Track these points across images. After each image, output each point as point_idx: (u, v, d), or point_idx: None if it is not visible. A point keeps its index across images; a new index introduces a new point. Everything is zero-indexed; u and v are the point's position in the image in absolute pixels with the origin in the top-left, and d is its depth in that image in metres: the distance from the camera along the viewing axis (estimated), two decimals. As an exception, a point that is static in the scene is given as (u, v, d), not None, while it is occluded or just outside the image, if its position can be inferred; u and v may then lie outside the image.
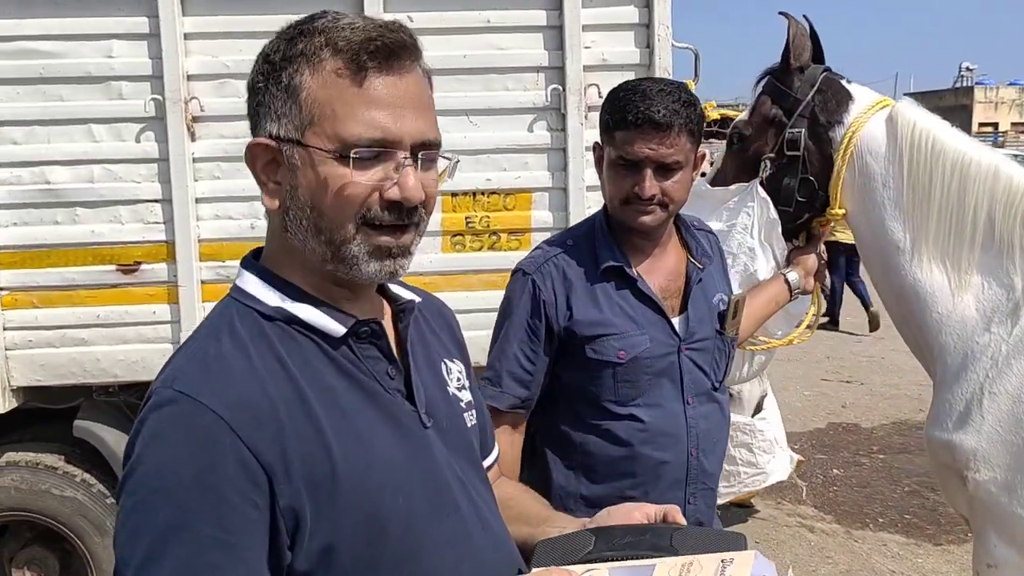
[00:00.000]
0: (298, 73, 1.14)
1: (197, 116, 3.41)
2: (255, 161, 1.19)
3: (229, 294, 1.23)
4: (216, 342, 1.14)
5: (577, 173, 3.46)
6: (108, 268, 3.46)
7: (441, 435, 1.27)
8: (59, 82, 3.40)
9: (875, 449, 6.75)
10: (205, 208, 3.47)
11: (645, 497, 2.06)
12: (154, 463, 1.05)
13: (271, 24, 3.88)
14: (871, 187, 2.63)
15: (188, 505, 1.03)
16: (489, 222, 3.52)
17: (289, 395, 1.11)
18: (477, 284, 3.54)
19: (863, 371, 8.93)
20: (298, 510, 1.07)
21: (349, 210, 1.14)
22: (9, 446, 3.74)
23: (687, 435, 2.11)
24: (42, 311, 3.46)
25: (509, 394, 2.09)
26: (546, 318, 2.07)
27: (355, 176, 1.13)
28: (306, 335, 1.17)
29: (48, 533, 3.77)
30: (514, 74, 3.47)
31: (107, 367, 3.49)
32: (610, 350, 2.05)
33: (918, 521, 5.43)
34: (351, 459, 1.12)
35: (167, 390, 1.09)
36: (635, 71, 3.47)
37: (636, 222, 2.06)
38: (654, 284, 2.12)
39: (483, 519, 1.27)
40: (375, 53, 1.13)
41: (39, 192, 3.42)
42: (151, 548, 1.02)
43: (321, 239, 1.16)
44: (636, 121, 1.98)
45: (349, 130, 1.12)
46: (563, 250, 2.14)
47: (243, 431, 1.05)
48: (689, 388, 2.12)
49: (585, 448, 2.11)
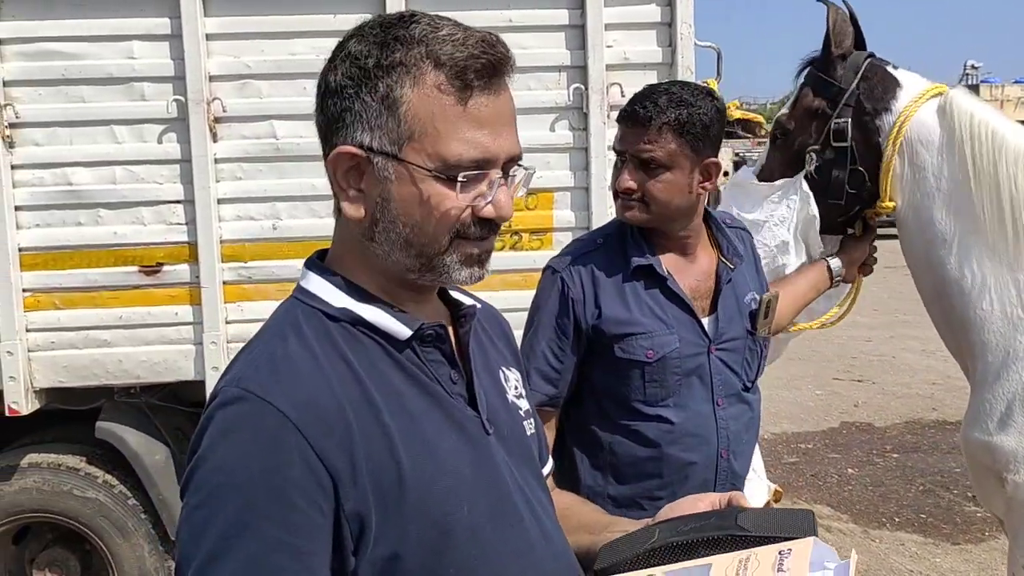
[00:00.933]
0: (398, 85, 1.10)
1: (219, 117, 3.41)
2: (337, 167, 1.15)
3: (293, 295, 1.22)
4: (283, 342, 1.13)
5: (599, 173, 3.45)
6: (130, 269, 3.46)
7: (503, 442, 1.25)
8: (81, 83, 3.40)
9: (889, 448, 6.74)
10: (227, 209, 3.46)
11: (672, 498, 2.06)
12: (220, 460, 1.04)
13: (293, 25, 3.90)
14: (922, 178, 2.56)
15: (254, 504, 1.01)
16: (511, 222, 3.50)
17: (356, 397, 1.10)
18: (498, 284, 3.53)
19: (874, 370, 8.91)
20: (363, 515, 1.06)
21: (445, 226, 1.13)
22: (31, 447, 3.74)
23: (717, 436, 2.11)
24: (65, 312, 3.46)
25: (538, 391, 2.08)
26: (574, 316, 2.08)
27: (457, 198, 1.12)
28: (371, 337, 1.16)
29: (69, 534, 3.78)
30: (536, 73, 3.46)
31: (129, 368, 3.49)
32: (638, 349, 2.05)
33: (934, 520, 5.42)
34: (418, 465, 1.10)
35: (234, 388, 1.07)
36: (657, 70, 3.47)
37: (622, 216, 2.10)
38: (684, 284, 2.12)
39: (544, 529, 1.25)
40: (481, 72, 1.10)
41: (61, 193, 3.42)
42: (215, 546, 1.01)
43: (411, 252, 1.15)
44: (624, 115, 2.06)
45: (452, 150, 1.10)
46: (593, 248, 2.15)
47: (310, 433, 1.04)
48: (719, 389, 2.11)
49: (613, 448, 2.11)
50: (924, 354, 9.22)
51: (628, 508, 2.08)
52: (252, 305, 3.48)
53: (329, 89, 1.14)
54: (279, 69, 3.39)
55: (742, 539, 1.21)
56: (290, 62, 3.37)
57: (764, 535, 1.21)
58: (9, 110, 3.36)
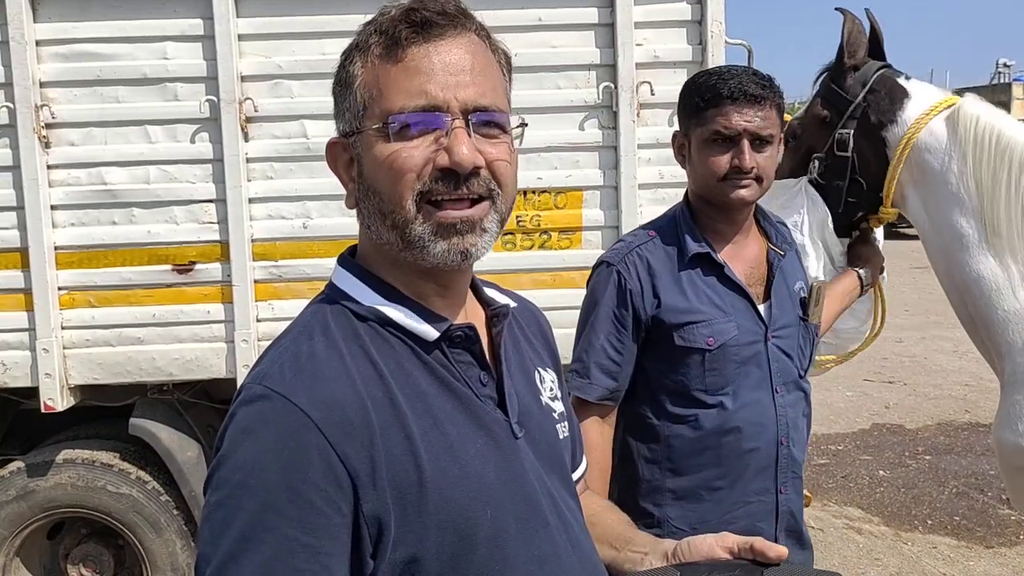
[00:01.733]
0: (351, 63, 1.15)
1: (251, 117, 3.44)
2: (336, 163, 1.19)
3: (324, 291, 1.22)
4: (309, 340, 1.12)
5: (629, 171, 3.45)
6: (164, 268, 3.49)
7: (533, 446, 1.23)
8: (115, 84, 3.44)
9: (921, 450, 6.67)
10: (258, 208, 3.49)
11: (731, 488, 2.08)
12: (241, 458, 1.03)
13: (324, 25, 3.91)
14: (931, 184, 2.59)
15: (273, 504, 1.01)
16: (540, 221, 3.52)
17: (380, 398, 1.08)
18: (528, 283, 3.53)
19: (906, 371, 8.82)
20: (382, 518, 1.05)
21: (402, 184, 1.10)
22: (66, 443, 3.80)
23: (776, 424, 2.11)
24: (99, 310, 3.50)
25: (598, 385, 2.09)
26: (633, 308, 2.08)
27: (399, 146, 1.10)
28: (399, 338, 1.15)
29: (103, 530, 3.83)
30: (565, 72, 3.46)
31: (162, 366, 3.53)
32: (699, 337, 2.05)
33: (968, 523, 5.34)
34: (440, 468, 1.09)
35: (258, 386, 1.07)
36: (687, 68, 3.45)
37: (734, 196, 2.06)
38: (738, 271, 2.13)
39: (572, 536, 1.23)
40: (413, 25, 1.11)
41: (96, 193, 3.46)
42: (234, 546, 1.01)
43: (387, 223, 1.13)
44: (732, 95, 2.01)
45: (392, 103, 1.11)
46: (646, 240, 2.15)
47: (331, 432, 1.03)
48: (776, 376, 2.12)
49: (670, 441, 2.10)
50: (956, 355, 9.11)
51: (687, 500, 2.09)
52: (283, 303, 3.50)
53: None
54: (310, 69, 3.41)
55: None
56: (321, 62, 3.38)
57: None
58: (45, 110, 3.41)
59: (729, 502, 2.09)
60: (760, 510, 2.11)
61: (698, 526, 2.02)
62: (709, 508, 2.09)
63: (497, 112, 1.14)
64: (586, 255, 3.53)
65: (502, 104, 1.16)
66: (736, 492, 2.09)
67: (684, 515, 2.09)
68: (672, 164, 3.46)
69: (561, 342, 3.54)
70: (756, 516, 2.11)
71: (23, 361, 3.49)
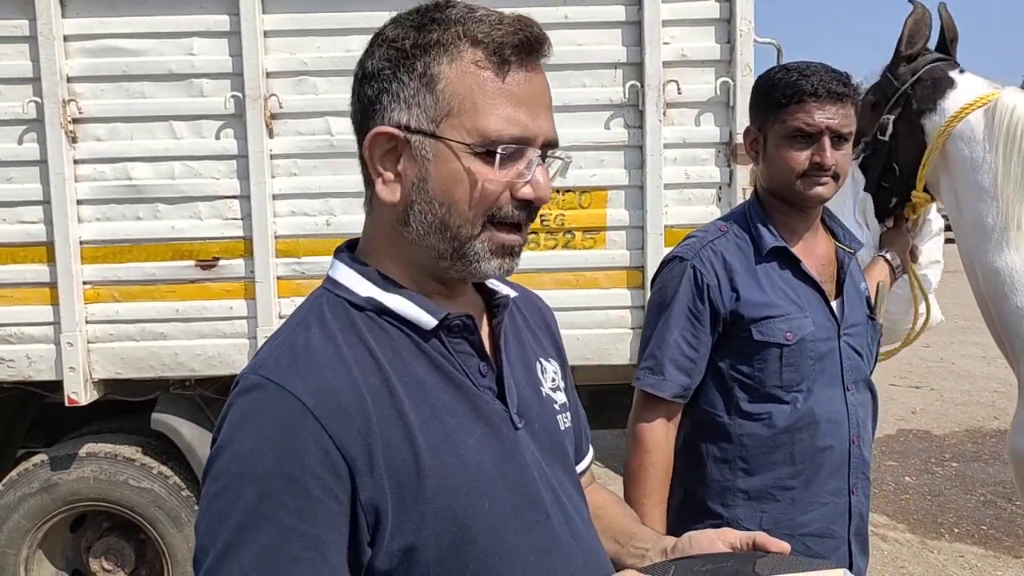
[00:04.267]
0: (435, 62, 1.09)
1: (276, 113, 3.44)
2: (374, 150, 1.13)
3: (322, 285, 1.21)
4: (305, 331, 1.12)
5: (655, 171, 3.41)
6: (187, 263, 3.50)
7: (533, 437, 1.21)
8: (142, 80, 3.45)
9: (947, 457, 6.57)
10: (282, 205, 3.49)
11: (806, 488, 2.05)
12: (237, 449, 1.03)
13: (349, 22, 3.92)
14: (961, 173, 2.59)
15: (270, 493, 1.01)
16: (564, 220, 3.49)
17: (377, 386, 1.08)
18: (550, 283, 3.51)
19: (933, 376, 8.71)
20: (380, 506, 1.04)
21: (483, 206, 1.10)
22: (89, 437, 3.82)
23: (848, 422, 2.08)
24: (123, 305, 3.52)
25: (672, 382, 2.06)
26: (710, 302, 2.05)
27: (496, 173, 1.09)
28: (396, 326, 1.14)
29: (125, 523, 3.85)
30: (592, 70, 3.43)
31: (184, 361, 3.54)
32: (777, 332, 2.02)
33: (995, 532, 5.26)
34: (438, 458, 1.08)
35: (254, 376, 1.07)
36: (715, 67, 3.41)
37: (812, 193, 2.04)
38: (811, 267, 2.10)
39: (573, 528, 1.22)
40: (518, 48, 1.09)
41: (122, 188, 3.48)
42: (232, 536, 1.01)
43: (446, 235, 1.12)
44: (815, 92, 1.99)
45: (491, 125, 1.08)
46: (719, 235, 2.12)
47: (326, 420, 1.03)
48: (848, 374, 2.09)
49: (742, 440, 2.06)
50: (985, 361, 8.99)
51: (759, 500, 2.06)
52: (305, 300, 3.49)
53: (366, 75, 1.13)
54: (335, 66, 3.41)
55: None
56: (346, 59, 3.37)
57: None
58: (72, 106, 3.43)
59: (803, 503, 2.05)
60: (834, 512, 2.07)
61: (770, 528, 1.97)
62: (782, 508, 2.05)
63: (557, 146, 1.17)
64: (610, 255, 3.50)
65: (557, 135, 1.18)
66: (810, 492, 2.05)
67: (755, 516, 2.05)
68: (699, 164, 3.47)
69: (583, 343, 3.56)
70: (830, 518, 2.07)
71: (47, 355, 3.51)
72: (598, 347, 3.51)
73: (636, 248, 3.49)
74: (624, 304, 3.53)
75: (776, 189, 2.10)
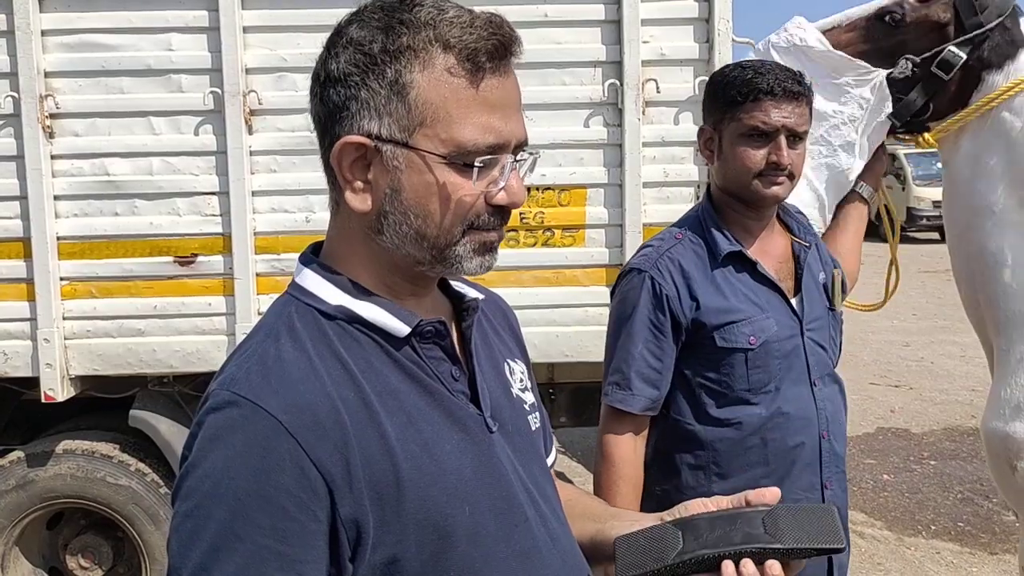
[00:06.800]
0: (407, 70, 1.05)
1: (255, 109, 3.43)
2: (342, 158, 1.09)
3: (287, 291, 1.18)
4: (275, 343, 1.09)
5: (634, 169, 3.42)
6: (165, 260, 3.49)
7: (507, 439, 1.20)
8: (120, 75, 3.44)
9: (926, 455, 6.62)
10: (261, 201, 3.48)
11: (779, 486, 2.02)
12: (210, 467, 1.01)
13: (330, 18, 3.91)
14: (994, 145, 2.43)
15: (244, 513, 0.98)
16: (544, 218, 3.50)
17: (351, 398, 1.06)
18: (530, 281, 3.52)
19: (912, 375, 8.76)
20: (360, 521, 1.02)
21: (459, 217, 1.09)
22: (66, 434, 3.80)
23: (818, 418, 2.09)
24: (100, 301, 3.50)
25: (641, 396, 2.06)
26: (671, 313, 2.04)
27: (465, 182, 1.08)
28: (368, 335, 1.12)
29: (102, 521, 3.83)
30: (571, 69, 3.44)
31: (163, 358, 3.52)
32: (740, 337, 2.03)
33: (972, 529, 5.31)
34: (417, 467, 1.07)
35: (225, 392, 1.04)
36: (694, 66, 3.43)
37: (769, 192, 2.03)
38: (768, 267, 2.10)
39: (551, 530, 1.21)
40: (492, 54, 1.06)
41: (99, 184, 3.46)
42: (204, 557, 0.98)
43: (424, 245, 1.10)
44: (772, 91, 1.98)
45: (466, 135, 1.06)
46: (674, 244, 2.11)
47: (303, 437, 1.00)
48: (815, 369, 2.10)
49: (714, 445, 2.07)
50: (963, 360, 9.06)
51: None
52: (284, 297, 3.49)
53: (331, 78, 1.09)
54: (315, 62, 3.39)
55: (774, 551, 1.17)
56: (326, 55, 3.36)
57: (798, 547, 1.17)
58: (50, 100, 3.41)
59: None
60: None
61: None
62: None
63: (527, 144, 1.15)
64: (589, 253, 3.52)
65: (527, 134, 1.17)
66: (784, 490, 2.03)
67: None
68: (677, 163, 3.49)
69: (562, 340, 3.57)
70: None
71: (24, 351, 3.49)
72: (578, 344, 3.53)
73: (615, 246, 3.51)
74: (603, 301, 3.52)
75: (732, 188, 2.09)
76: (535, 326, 3.43)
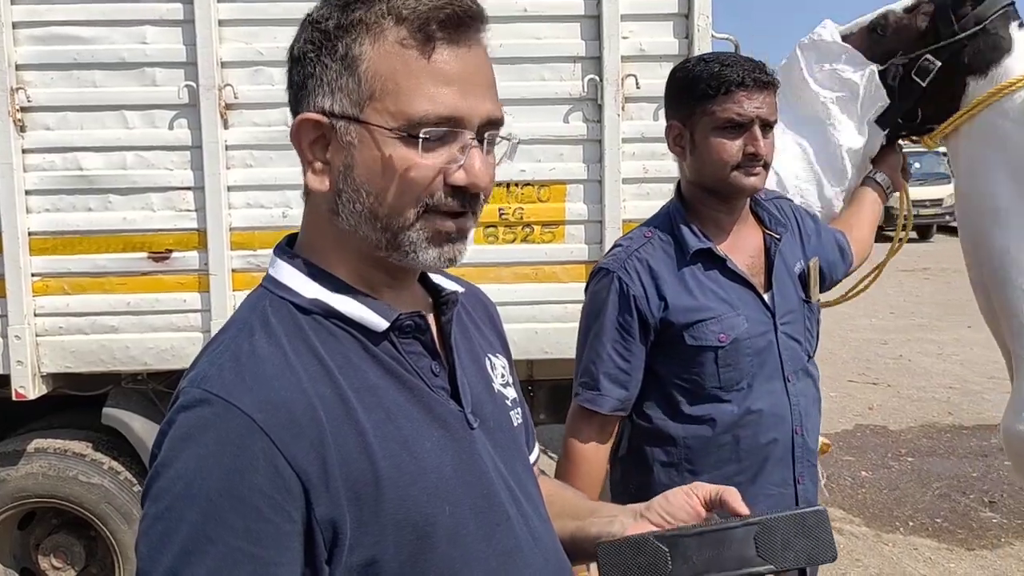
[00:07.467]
0: (356, 43, 1.03)
1: (230, 103, 3.39)
2: (301, 137, 1.08)
3: (262, 284, 1.14)
4: (249, 338, 1.05)
5: (613, 165, 3.41)
6: (139, 255, 3.44)
7: (488, 436, 1.16)
8: (93, 68, 3.38)
9: (903, 452, 6.66)
10: (237, 196, 3.44)
11: (752, 482, 2.05)
12: (181, 468, 0.97)
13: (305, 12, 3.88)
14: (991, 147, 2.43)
15: (216, 515, 0.95)
16: (523, 214, 3.48)
17: (328, 395, 1.02)
18: (509, 277, 3.50)
19: (890, 373, 8.82)
20: (337, 521, 0.99)
21: (412, 195, 1.04)
22: (38, 433, 3.74)
23: (791, 414, 2.08)
24: (73, 298, 3.45)
25: (610, 396, 2.05)
26: (638, 313, 2.03)
27: (422, 158, 1.03)
28: (345, 330, 1.08)
29: (75, 520, 3.77)
30: (550, 64, 3.42)
31: (136, 355, 3.48)
32: (710, 335, 2.02)
33: (949, 525, 5.34)
34: (396, 465, 1.03)
35: (196, 390, 1.00)
36: (673, 62, 3.37)
37: (747, 183, 2.02)
38: (739, 263, 2.09)
39: (532, 528, 1.18)
40: (444, 23, 1.03)
41: (72, 178, 3.40)
42: (175, 561, 0.94)
43: (377, 225, 1.06)
44: (743, 82, 1.97)
45: (415, 107, 1.02)
46: (643, 243, 2.10)
47: (278, 436, 0.97)
48: (788, 365, 2.09)
49: (687, 442, 2.06)
50: (940, 358, 9.13)
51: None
52: (260, 294, 3.45)
53: (293, 58, 1.09)
54: (291, 55, 3.36)
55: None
56: (302, 49, 3.33)
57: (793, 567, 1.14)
58: (21, 94, 3.35)
59: (750, 495, 2.01)
60: (781, 502, 2.08)
61: None
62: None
63: (500, 125, 1.10)
64: (569, 249, 3.50)
65: (503, 115, 1.11)
66: (757, 486, 2.06)
67: None
68: (657, 159, 3.47)
69: (542, 337, 3.55)
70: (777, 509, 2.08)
71: (-6, 348, 3.43)
72: (557, 341, 3.51)
73: (595, 242, 3.49)
74: (582, 298, 3.51)
75: (708, 183, 2.07)
76: (514, 323, 3.41)
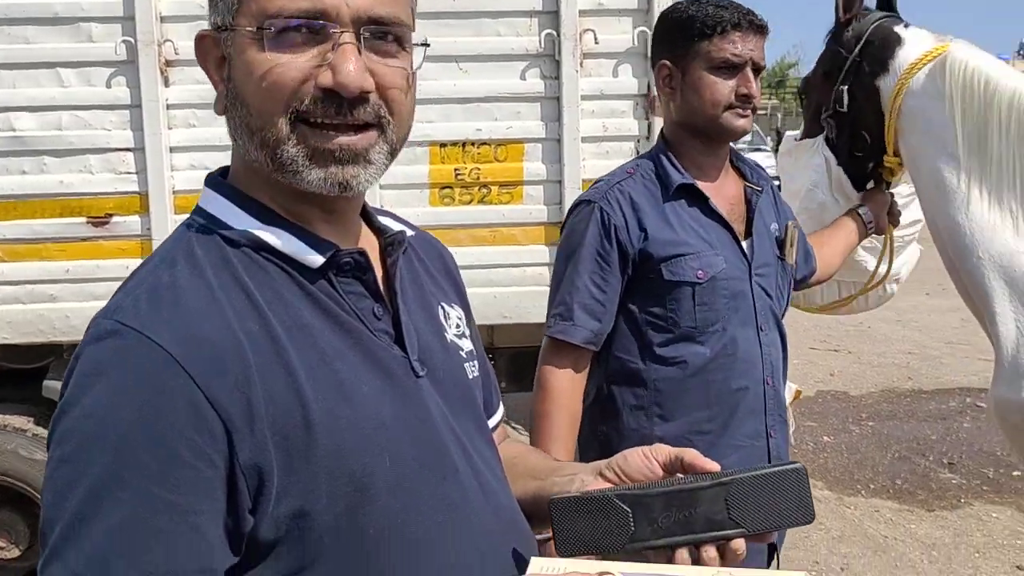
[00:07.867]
0: None
1: (171, 60, 3.24)
2: (206, 60, 1.03)
3: (190, 215, 1.06)
4: (170, 269, 0.97)
5: (572, 123, 3.32)
6: (78, 220, 3.29)
7: (437, 387, 1.09)
8: (24, 23, 3.22)
9: (864, 416, 6.71)
10: (180, 158, 3.31)
11: (723, 431, 2.02)
12: (89, 406, 0.89)
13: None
14: (919, 132, 2.54)
15: (129, 457, 0.86)
16: (479, 174, 3.38)
17: (256, 332, 0.95)
18: (467, 240, 3.40)
19: (850, 340, 8.89)
20: (263, 467, 0.91)
21: (276, 100, 0.96)
22: (-25, 408, 3.59)
23: (762, 362, 2.06)
24: (9, 265, 3.30)
25: (583, 327, 2.01)
26: (618, 243, 2.00)
27: (276, 57, 0.96)
28: (278, 265, 1.01)
29: (17, 497, 3.63)
30: (506, 19, 3.31)
31: (77, 324, 3.33)
32: (688, 270, 1.99)
33: (909, 487, 5.38)
34: (329, 410, 0.96)
35: (108, 321, 0.92)
36: (632, 16, 3.33)
37: (738, 124, 2.03)
38: (720, 206, 2.07)
39: (484, 483, 1.10)
40: None
41: (4, 140, 3.25)
42: (83, 506, 0.86)
43: (255, 140, 0.99)
44: (739, 24, 1.98)
45: (269, 2, 0.96)
46: (625, 177, 2.09)
47: (198, 372, 0.89)
48: (761, 314, 2.07)
49: (657, 385, 2.03)
50: (899, 324, 9.22)
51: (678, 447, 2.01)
52: (207, 259, 3.33)
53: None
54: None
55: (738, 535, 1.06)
56: (246, 2, 3.19)
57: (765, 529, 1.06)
58: (-53, 50, 3.17)
59: (722, 446, 2.00)
60: (753, 455, 2.04)
61: None
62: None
63: (395, 25, 0.99)
64: (527, 210, 3.41)
65: (403, 16, 1.01)
66: (728, 435, 2.03)
67: None
68: (616, 116, 3.38)
69: (500, 301, 3.45)
70: (750, 462, 2.01)
71: (-74, 319, 3.28)
72: (516, 305, 3.42)
73: (554, 203, 3.40)
74: (542, 261, 3.43)
75: (696, 123, 2.06)
76: (472, 287, 3.24)
